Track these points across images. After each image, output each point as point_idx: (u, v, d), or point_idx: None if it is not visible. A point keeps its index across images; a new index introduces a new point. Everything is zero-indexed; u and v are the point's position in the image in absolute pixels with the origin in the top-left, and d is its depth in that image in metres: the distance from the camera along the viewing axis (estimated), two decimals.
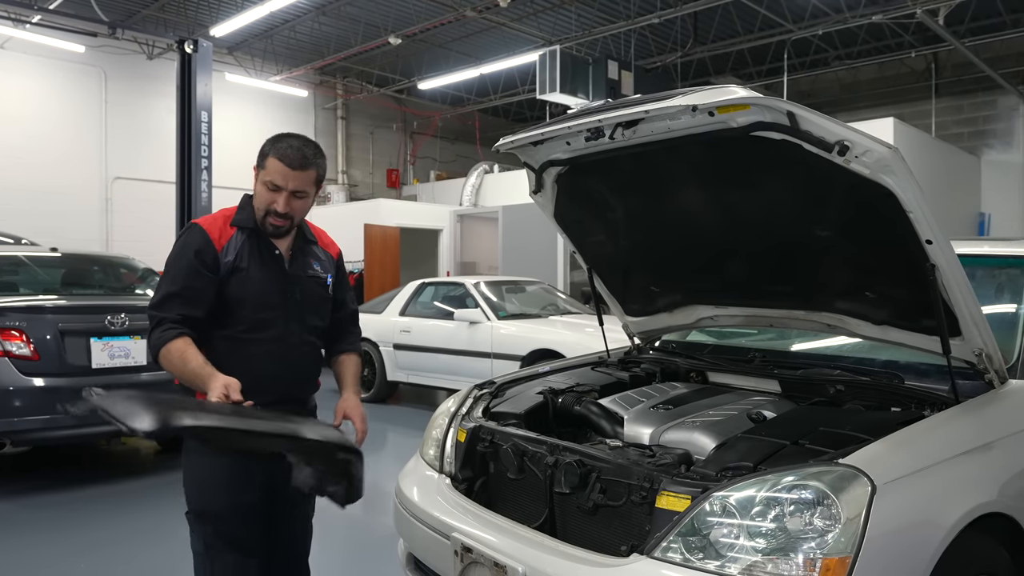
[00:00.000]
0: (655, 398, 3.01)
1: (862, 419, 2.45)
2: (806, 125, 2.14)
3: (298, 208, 2.42)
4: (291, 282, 2.47)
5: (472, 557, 2.40)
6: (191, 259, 2.35)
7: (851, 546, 1.83)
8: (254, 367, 2.38)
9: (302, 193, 2.40)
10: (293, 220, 2.43)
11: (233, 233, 2.42)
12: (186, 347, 2.28)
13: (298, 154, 2.36)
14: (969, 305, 2.35)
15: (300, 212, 2.44)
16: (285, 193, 2.36)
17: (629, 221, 3.09)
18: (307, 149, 2.39)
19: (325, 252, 2.63)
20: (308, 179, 2.39)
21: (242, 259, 2.39)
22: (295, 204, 2.40)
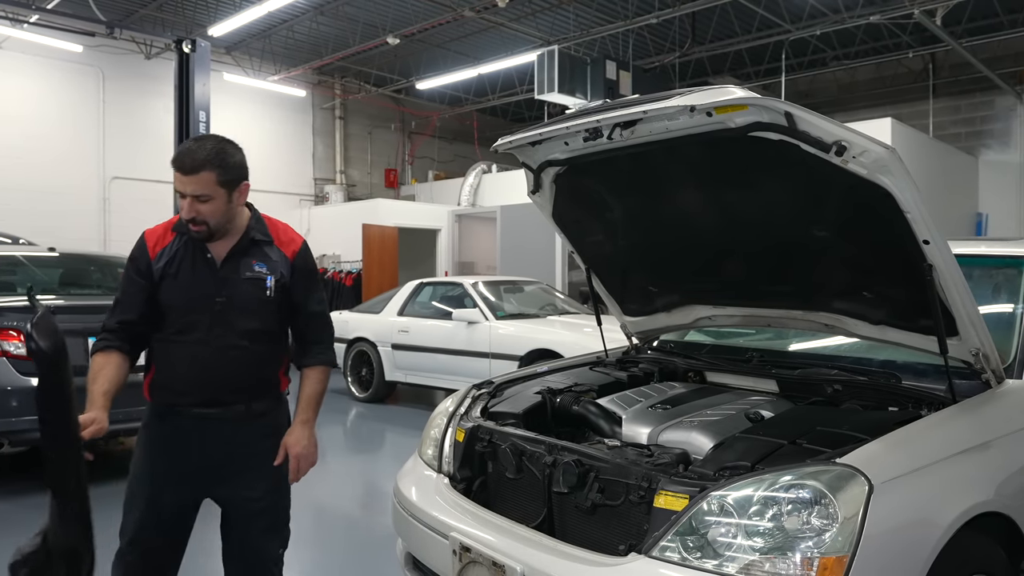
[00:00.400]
0: (653, 398, 3.02)
1: (860, 419, 2.46)
2: (804, 125, 2.14)
3: (206, 212, 2.33)
4: (220, 286, 2.42)
5: (471, 557, 2.41)
6: (128, 267, 2.46)
7: (848, 545, 1.83)
8: (178, 369, 2.44)
9: (204, 197, 2.32)
10: (209, 225, 2.36)
11: (172, 239, 2.44)
12: (103, 364, 2.40)
13: (188, 158, 2.31)
14: (966, 305, 2.36)
15: (211, 216, 2.35)
16: (188, 199, 2.32)
17: (627, 221, 3.09)
18: (200, 152, 2.32)
19: (279, 252, 2.53)
20: (203, 182, 2.30)
21: (172, 265, 2.41)
22: (201, 208, 2.32)
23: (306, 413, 2.59)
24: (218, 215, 2.37)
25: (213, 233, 2.40)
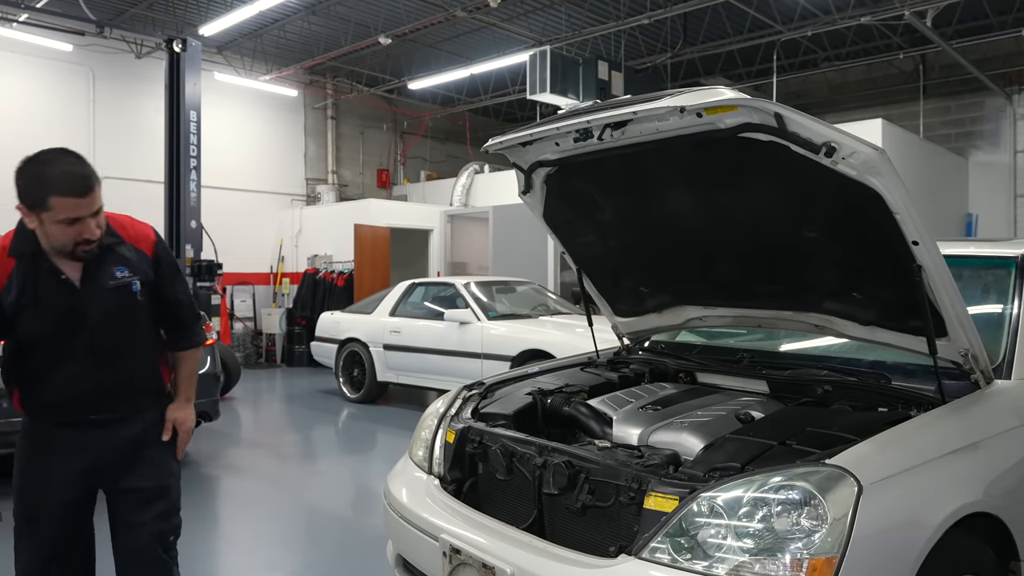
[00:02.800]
0: (644, 399, 3.02)
1: (849, 419, 2.46)
2: (793, 127, 2.15)
3: (101, 223, 2.30)
4: (86, 304, 2.32)
5: (461, 558, 2.40)
6: None
7: (838, 546, 1.84)
8: (61, 394, 2.35)
9: (98, 210, 2.26)
10: (98, 240, 2.30)
11: (12, 265, 2.26)
12: None
13: (80, 180, 2.20)
14: (955, 306, 2.37)
15: (101, 230, 2.30)
16: (90, 220, 2.22)
17: (618, 222, 3.10)
18: (84, 169, 2.23)
19: (135, 250, 2.44)
20: (96, 198, 2.24)
21: (26, 295, 2.25)
22: (99, 224, 2.28)
23: (188, 391, 2.65)
24: (103, 228, 2.31)
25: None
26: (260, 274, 14.11)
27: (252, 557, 4.26)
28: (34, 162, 2.23)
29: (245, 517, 5.05)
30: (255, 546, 4.45)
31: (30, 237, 2.26)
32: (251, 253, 13.85)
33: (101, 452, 2.42)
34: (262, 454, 6.73)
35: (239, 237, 13.17)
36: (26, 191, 2.21)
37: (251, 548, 4.41)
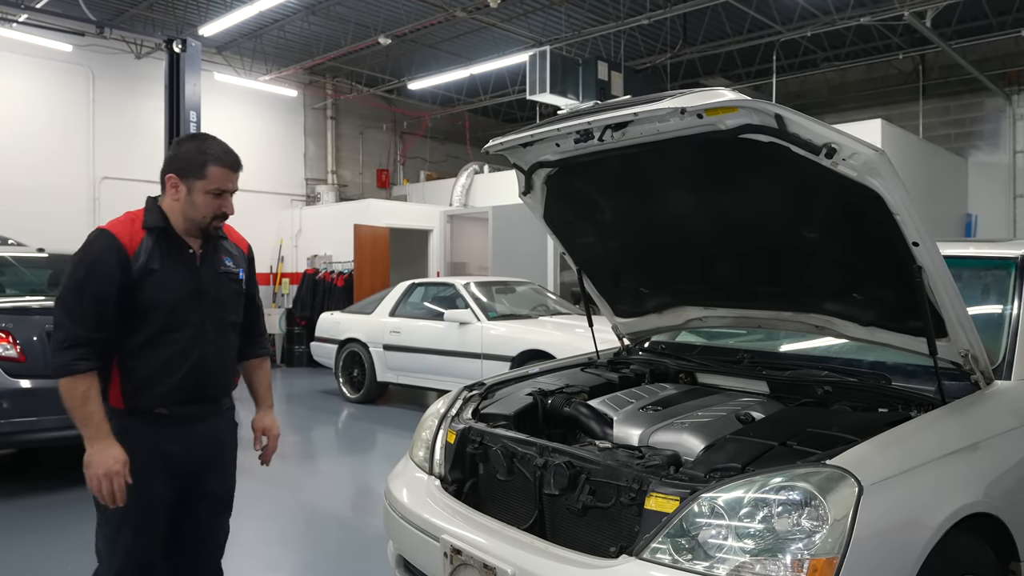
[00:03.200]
0: (644, 399, 3.02)
1: (849, 420, 2.47)
2: (794, 128, 2.15)
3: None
4: (205, 280, 2.43)
5: (461, 559, 2.41)
6: (94, 270, 2.28)
7: (838, 547, 1.84)
8: (169, 369, 2.37)
9: (234, 191, 2.45)
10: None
11: (143, 236, 2.36)
12: (91, 387, 2.23)
13: (233, 156, 2.41)
14: (955, 306, 2.37)
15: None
16: (226, 195, 2.40)
17: (618, 223, 3.10)
18: (231, 147, 2.44)
19: (235, 247, 2.60)
20: (239, 176, 2.44)
21: (154, 261, 2.34)
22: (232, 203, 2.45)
23: (270, 400, 2.72)
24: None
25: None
26: (260, 274, 13.86)
27: (252, 558, 4.26)
28: (194, 138, 2.46)
29: (245, 517, 5.05)
30: (255, 546, 4.45)
31: (160, 213, 2.40)
32: None
33: (192, 449, 2.43)
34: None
35: None
36: (185, 159, 2.37)
37: (251, 548, 4.41)
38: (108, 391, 2.34)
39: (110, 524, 2.36)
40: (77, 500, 5.14)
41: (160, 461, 2.38)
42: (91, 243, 2.35)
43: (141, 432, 2.36)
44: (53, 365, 2.23)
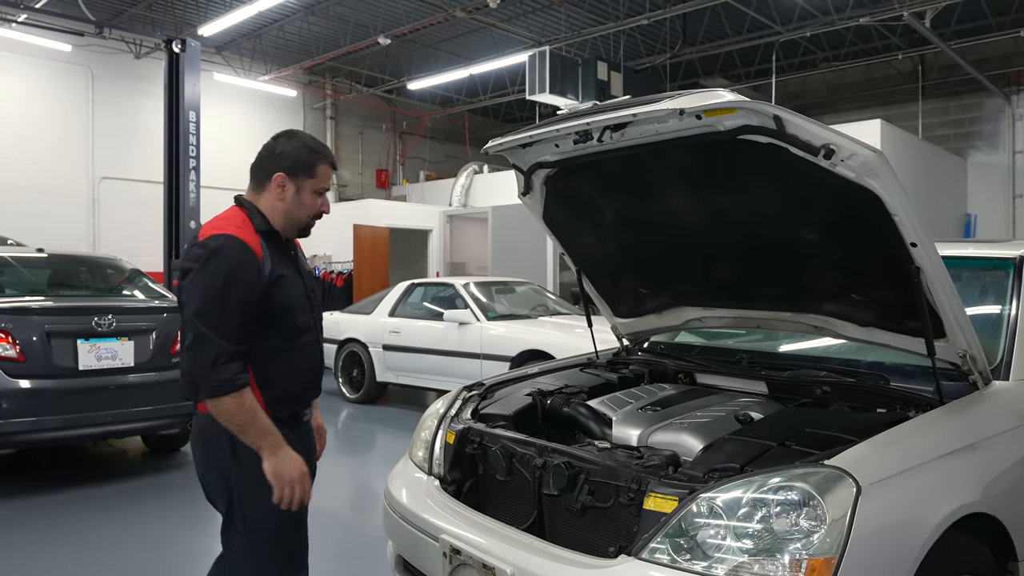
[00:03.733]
0: (643, 399, 3.02)
1: (848, 420, 2.47)
2: (792, 129, 2.15)
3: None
4: (308, 280, 2.44)
5: (461, 559, 2.41)
6: (247, 273, 2.16)
7: (836, 547, 1.84)
8: (304, 374, 2.36)
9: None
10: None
11: (259, 239, 2.26)
12: (253, 398, 2.14)
13: (332, 153, 2.44)
14: (953, 307, 2.37)
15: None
16: (324, 195, 2.39)
17: (618, 223, 3.10)
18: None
19: (299, 248, 2.56)
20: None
21: (277, 264, 2.27)
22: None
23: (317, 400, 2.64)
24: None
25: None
26: None
27: None
28: (291, 136, 2.35)
29: None
30: None
31: (262, 214, 2.31)
32: None
33: (306, 451, 2.37)
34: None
35: None
36: (295, 157, 2.30)
37: None
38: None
39: (271, 545, 2.29)
40: (77, 500, 5.15)
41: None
42: (222, 249, 2.15)
43: (288, 439, 2.23)
44: (212, 384, 2.08)
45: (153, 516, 4.83)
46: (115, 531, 4.57)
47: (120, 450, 6.72)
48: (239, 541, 2.29)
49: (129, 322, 5.54)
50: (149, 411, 5.55)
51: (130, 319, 5.58)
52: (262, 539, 2.27)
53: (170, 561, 4.13)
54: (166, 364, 5.67)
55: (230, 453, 2.21)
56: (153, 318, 5.76)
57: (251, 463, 2.18)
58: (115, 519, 4.79)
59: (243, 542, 2.28)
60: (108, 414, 5.37)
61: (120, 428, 5.60)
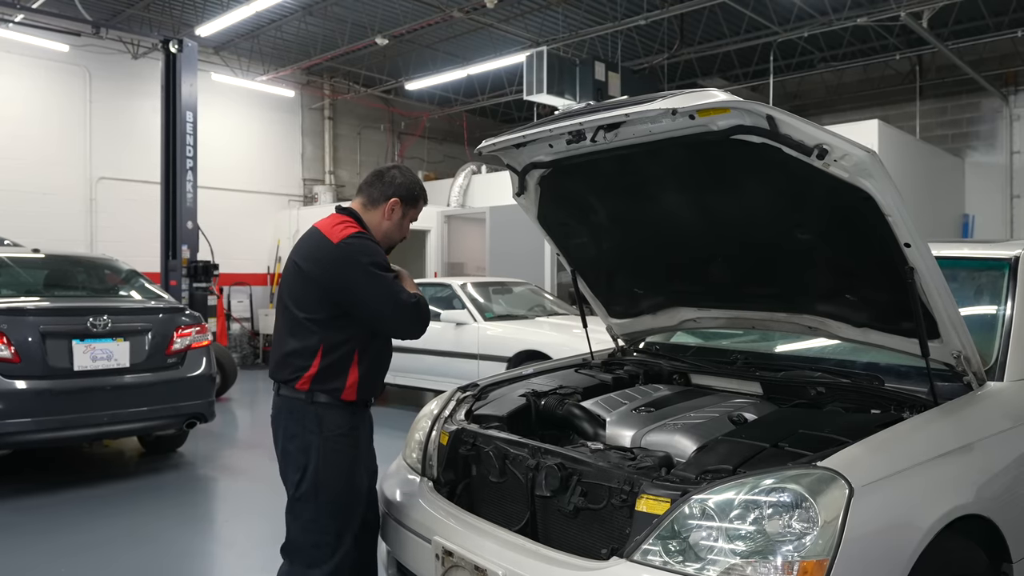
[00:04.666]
0: (638, 400, 3.02)
1: (842, 421, 2.46)
2: (785, 129, 2.15)
3: None
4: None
5: (453, 560, 2.40)
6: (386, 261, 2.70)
7: (829, 549, 1.83)
8: (382, 367, 2.82)
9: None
10: None
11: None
12: (410, 291, 2.68)
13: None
14: (947, 308, 2.37)
15: None
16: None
17: (612, 223, 3.10)
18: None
19: None
20: None
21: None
22: None
23: None
24: None
25: None
26: (257, 275, 14.09)
27: (245, 558, 4.26)
28: (405, 170, 2.88)
29: (240, 518, 5.05)
30: (247, 547, 4.44)
31: (366, 228, 2.76)
32: (248, 254, 13.83)
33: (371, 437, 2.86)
34: (258, 455, 6.72)
35: (236, 238, 13.16)
36: (410, 189, 2.82)
37: (244, 549, 4.41)
38: (345, 386, 2.63)
39: (338, 514, 2.64)
40: (72, 501, 5.13)
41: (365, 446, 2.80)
42: (368, 239, 2.69)
43: (360, 424, 2.74)
44: (423, 306, 2.64)
45: (150, 517, 4.82)
46: (111, 532, 4.56)
47: (116, 451, 6.72)
48: (309, 509, 2.62)
49: (125, 323, 5.53)
50: (145, 412, 5.55)
51: (126, 319, 5.58)
52: (329, 504, 2.61)
53: (167, 562, 4.13)
54: (162, 365, 5.66)
55: (317, 429, 2.61)
56: (149, 319, 5.75)
57: (332, 439, 2.61)
58: (111, 520, 4.78)
59: (312, 509, 2.61)
60: (103, 415, 5.36)
61: (115, 429, 5.59)
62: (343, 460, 2.63)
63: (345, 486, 2.63)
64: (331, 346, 2.61)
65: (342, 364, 2.62)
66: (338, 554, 2.61)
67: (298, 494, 2.64)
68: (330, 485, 2.61)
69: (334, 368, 2.61)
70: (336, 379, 2.61)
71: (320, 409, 2.61)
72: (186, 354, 5.81)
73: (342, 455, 2.63)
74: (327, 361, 2.60)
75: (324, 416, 2.61)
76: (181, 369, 5.76)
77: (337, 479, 2.61)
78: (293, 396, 2.64)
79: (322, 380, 2.61)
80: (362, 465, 2.71)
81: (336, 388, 2.61)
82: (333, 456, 2.61)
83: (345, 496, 2.64)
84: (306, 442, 2.61)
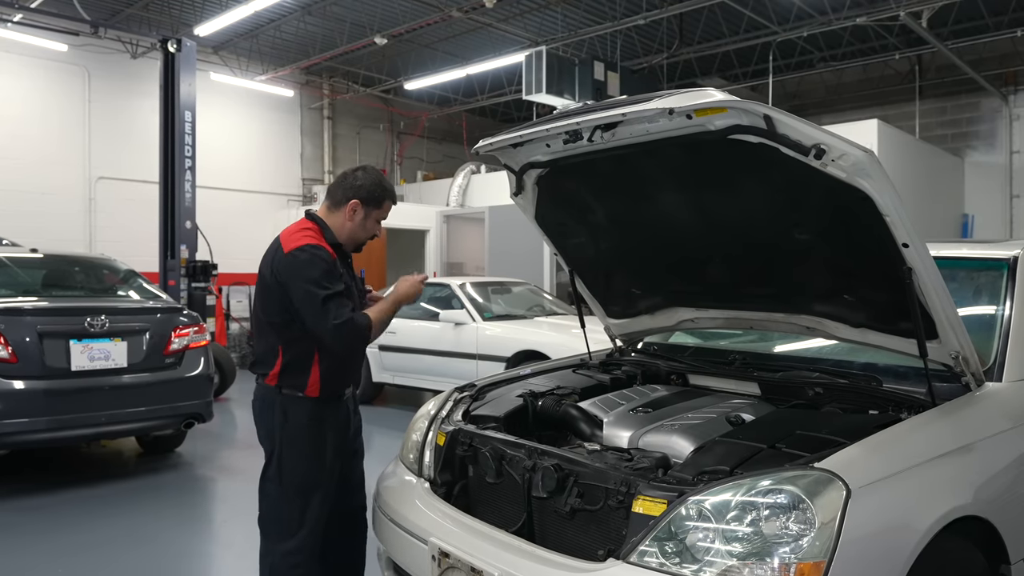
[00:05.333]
0: (635, 401, 3.01)
1: (839, 422, 2.45)
2: (783, 128, 2.14)
3: None
4: (357, 284, 2.94)
5: (449, 562, 2.39)
6: (336, 271, 2.74)
7: (825, 551, 1.82)
8: (351, 361, 2.95)
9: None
10: None
11: (331, 250, 2.79)
12: (368, 318, 2.76)
13: (395, 192, 2.94)
14: (946, 308, 2.36)
15: None
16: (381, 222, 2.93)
17: (610, 223, 3.09)
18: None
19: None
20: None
21: (344, 273, 2.80)
22: None
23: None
24: None
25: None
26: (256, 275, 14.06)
27: (242, 559, 4.24)
28: (367, 172, 2.89)
29: (239, 519, 5.03)
30: (245, 548, 4.42)
31: (330, 231, 2.85)
32: (247, 254, 13.78)
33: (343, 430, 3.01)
34: (256, 455, 6.65)
35: (235, 238, 13.15)
36: (371, 191, 2.85)
37: (242, 550, 4.39)
38: (307, 383, 2.78)
39: (301, 496, 2.80)
40: (70, 502, 5.13)
41: (339, 437, 2.94)
42: (316, 252, 2.72)
43: (325, 415, 2.86)
44: (347, 329, 2.66)
45: (148, 517, 4.81)
46: (109, 533, 4.55)
47: (114, 451, 6.70)
48: (273, 488, 2.85)
49: (122, 323, 5.52)
50: (143, 412, 5.54)
51: (123, 319, 5.56)
52: (291, 486, 2.81)
53: (165, 563, 4.12)
54: (160, 365, 5.65)
55: (281, 420, 2.81)
56: (147, 318, 5.74)
57: (294, 430, 2.80)
58: (109, 521, 4.77)
59: (277, 488, 2.84)
60: (101, 415, 5.35)
61: (113, 429, 5.58)
62: (305, 448, 2.80)
63: (307, 471, 2.80)
64: (289, 347, 2.78)
65: (302, 363, 2.78)
66: (303, 531, 2.79)
67: (266, 475, 2.89)
68: (292, 469, 2.80)
69: (294, 367, 2.79)
70: (298, 376, 2.79)
71: (285, 401, 2.80)
72: (184, 354, 5.80)
73: (304, 443, 2.80)
74: (287, 359, 2.78)
75: (288, 408, 2.80)
76: (179, 369, 5.75)
77: (298, 464, 2.80)
78: (264, 388, 2.87)
79: (285, 376, 2.80)
80: (329, 453, 2.84)
81: (299, 384, 2.79)
82: (296, 444, 2.80)
83: (308, 481, 2.80)
84: (271, 430, 2.84)
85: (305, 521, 2.79)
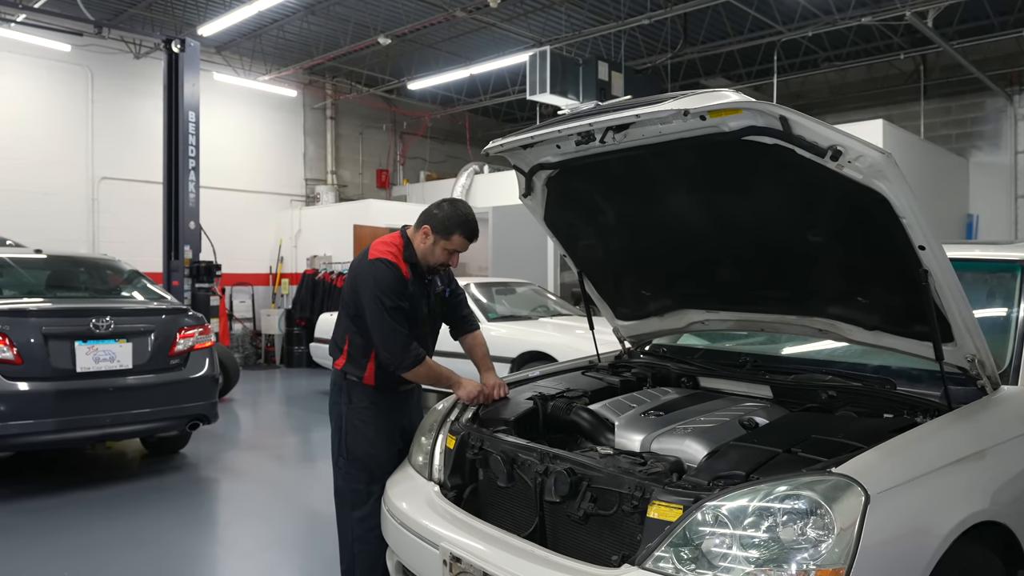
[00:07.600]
0: (646, 404, 2.99)
1: (855, 426, 2.43)
2: (799, 130, 2.11)
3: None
4: (431, 302, 3.24)
5: (461, 567, 2.37)
6: (400, 285, 3.06)
7: (845, 557, 1.80)
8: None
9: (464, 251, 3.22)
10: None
11: (407, 267, 3.11)
12: (434, 363, 3.16)
13: (477, 234, 3.17)
14: (962, 311, 2.33)
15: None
16: (457, 256, 3.18)
17: (620, 225, 3.07)
18: (478, 225, 3.18)
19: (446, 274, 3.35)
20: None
21: (413, 287, 3.11)
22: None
23: (489, 363, 3.53)
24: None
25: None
26: (259, 275, 14.08)
27: (248, 562, 4.23)
28: (456, 204, 3.20)
29: (243, 520, 5.02)
30: (251, 550, 4.42)
31: (412, 249, 3.15)
32: (250, 254, 13.81)
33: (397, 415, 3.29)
34: (261, 456, 6.70)
35: (238, 238, 13.15)
36: (443, 221, 3.12)
37: (247, 552, 4.38)
38: (365, 373, 3.15)
39: (365, 470, 3.16)
40: (75, 503, 5.11)
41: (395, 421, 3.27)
42: (389, 267, 3.06)
43: (386, 401, 3.21)
44: (407, 363, 3.02)
45: (152, 519, 4.80)
46: (113, 534, 4.54)
47: (118, 453, 6.69)
48: (344, 463, 3.22)
49: (127, 324, 5.51)
50: (147, 413, 5.52)
51: (128, 321, 5.55)
52: (356, 460, 3.17)
53: (169, 565, 4.10)
54: (165, 366, 5.63)
55: (347, 401, 3.20)
56: (152, 320, 5.72)
57: (356, 410, 3.18)
58: (113, 522, 4.75)
59: (345, 463, 3.21)
60: (106, 416, 5.33)
61: (118, 430, 5.56)
62: (365, 427, 3.15)
63: (368, 447, 3.15)
64: (354, 338, 3.16)
65: (362, 354, 3.14)
66: (371, 499, 3.10)
67: (336, 450, 3.25)
68: (355, 445, 3.16)
69: (356, 356, 3.17)
70: (358, 365, 3.16)
71: (349, 385, 3.20)
72: (189, 355, 5.79)
73: (364, 423, 3.16)
74: (352, 349, 3.17)
75: (352, 391, 3.19)
76: (184, 370, 5.73)
77: (359, 441, 3.16)
78: (335, 371, 3.27)
79: (350, 364, 3.19)
80: (386, 433, 3.18)
81: (359, 372, 3.16)
82: (356, 423, 3.17)
83: (369, 455, 3.14)
84: (338, 410, 3.24)
85: (372, 491, 3.10)
